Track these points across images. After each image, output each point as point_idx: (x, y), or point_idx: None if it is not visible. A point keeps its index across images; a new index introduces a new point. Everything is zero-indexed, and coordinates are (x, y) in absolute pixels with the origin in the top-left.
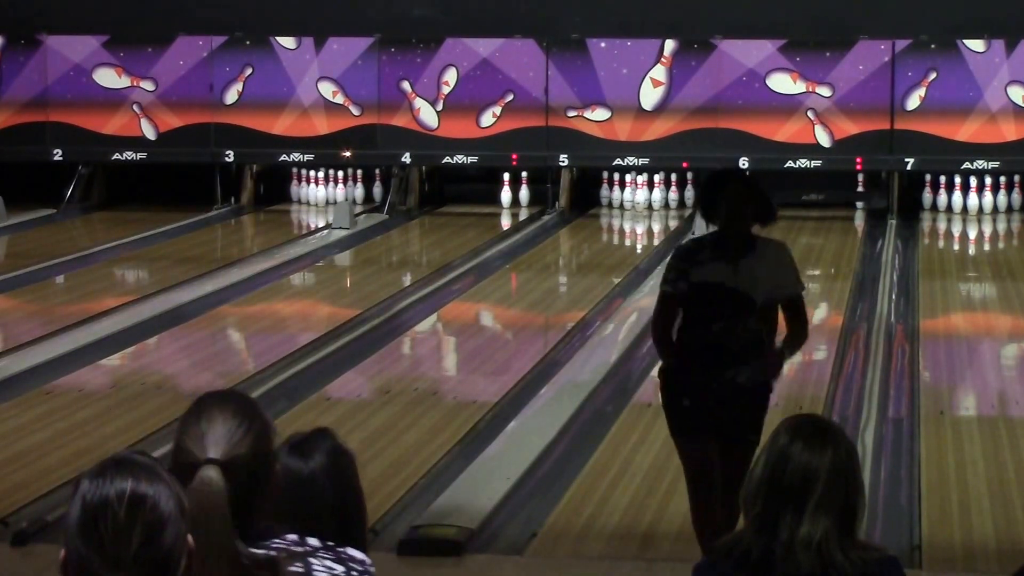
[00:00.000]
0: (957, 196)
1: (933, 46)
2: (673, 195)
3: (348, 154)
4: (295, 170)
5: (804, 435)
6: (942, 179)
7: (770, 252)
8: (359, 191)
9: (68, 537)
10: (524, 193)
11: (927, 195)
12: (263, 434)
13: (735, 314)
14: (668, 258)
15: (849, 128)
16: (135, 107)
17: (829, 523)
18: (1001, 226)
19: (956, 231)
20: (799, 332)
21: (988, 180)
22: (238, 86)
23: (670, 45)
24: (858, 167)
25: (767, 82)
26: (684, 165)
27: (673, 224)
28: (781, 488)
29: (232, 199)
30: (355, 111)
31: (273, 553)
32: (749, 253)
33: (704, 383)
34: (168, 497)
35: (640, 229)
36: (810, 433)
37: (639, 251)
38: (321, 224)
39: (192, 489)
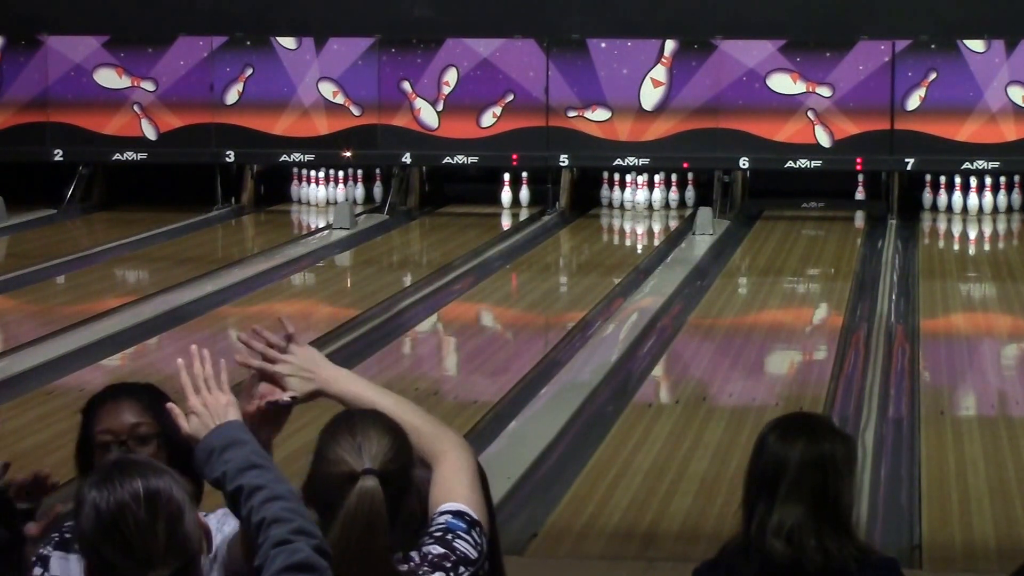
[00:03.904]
0: (957, 196)
1: (933, 46)
2: (673, 195)
3: (348, 154)
4: (295, 170)
5: (781, 428)
6: (942, 179)
7: None
8: (359, 191)
9: (87, 547)
10: (524, 193)
11: (927, 195)
12: (408, 449)
13: None
14: None
15: (849, 128)
16: (135, 107)
17: (800, 511)
18: (1001, 226)
19: (956, 231)
20: None
21: (988, 180)
22: (238, 86)
23: (670, 45)
24: (858, 167)
25: (767, 82)
26: (684, 165)
27: (673, 224)
28: (756, 478)
29: (232, 199)
30: (355, 111)
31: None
32: None
33: None
34: (177, 487)
35: (640, 229)
36: (787, 427)
37: (639, 251)
38: (321, 224)
39: (354, 500)
